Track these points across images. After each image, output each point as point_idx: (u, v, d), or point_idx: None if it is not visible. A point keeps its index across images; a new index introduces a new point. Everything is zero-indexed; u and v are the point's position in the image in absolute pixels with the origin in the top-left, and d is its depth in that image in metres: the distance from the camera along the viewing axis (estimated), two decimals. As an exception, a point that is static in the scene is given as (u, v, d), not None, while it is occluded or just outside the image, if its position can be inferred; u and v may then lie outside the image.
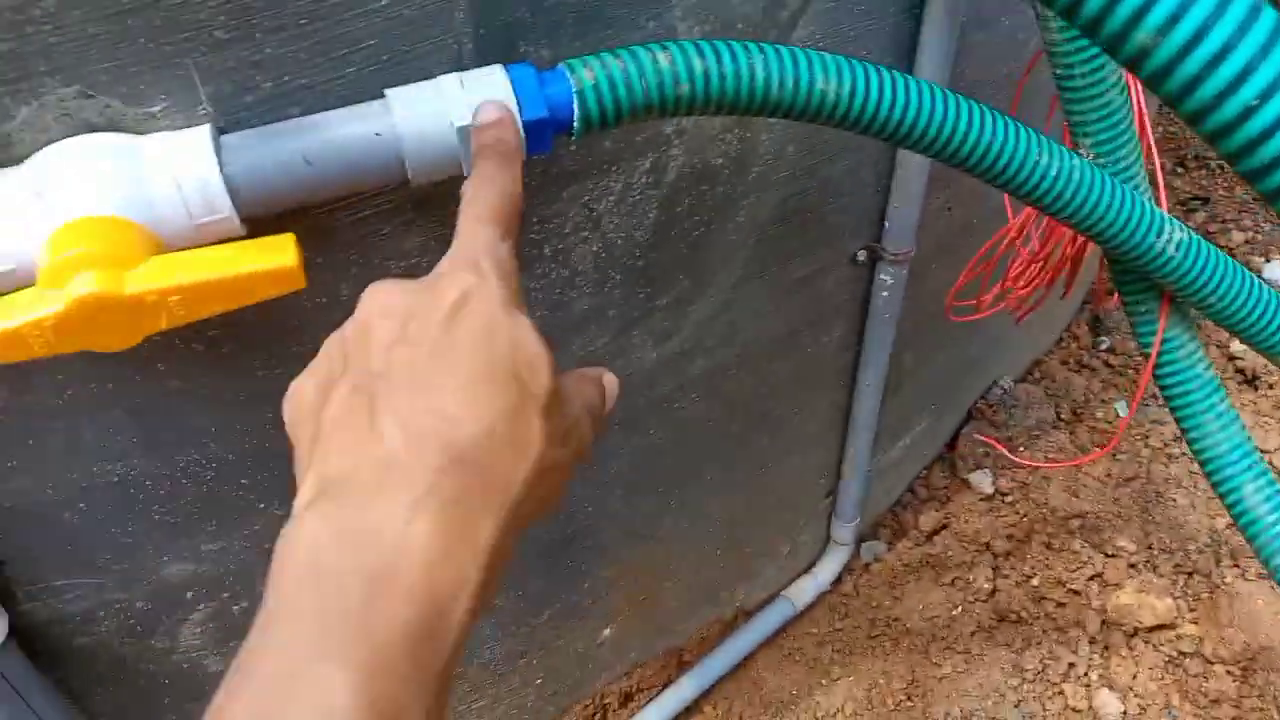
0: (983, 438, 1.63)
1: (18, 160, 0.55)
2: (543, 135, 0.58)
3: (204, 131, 0.54)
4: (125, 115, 0.55)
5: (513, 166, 0.54)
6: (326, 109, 0.59)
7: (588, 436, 0.48)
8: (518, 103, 0.57)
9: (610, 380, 0.53)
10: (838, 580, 1.55)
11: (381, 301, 0.46)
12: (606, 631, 1.25)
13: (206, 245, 0.55)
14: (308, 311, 0.69)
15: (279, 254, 0.52)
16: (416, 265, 0.70)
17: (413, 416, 0.40)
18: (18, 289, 0.53)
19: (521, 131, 0.56)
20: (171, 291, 0.50)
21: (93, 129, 0.56)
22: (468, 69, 0.61)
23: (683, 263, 0.86)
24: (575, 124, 0.59)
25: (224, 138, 0.55)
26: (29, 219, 0.52)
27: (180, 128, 0.56)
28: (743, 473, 1.19)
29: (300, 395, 0.45)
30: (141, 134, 0.56)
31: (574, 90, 0.58)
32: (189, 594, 0.85)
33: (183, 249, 0.54)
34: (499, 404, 0.41)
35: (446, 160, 0.57)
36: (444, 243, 0.69)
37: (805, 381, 1.14)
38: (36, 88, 0.53)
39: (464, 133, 0.56)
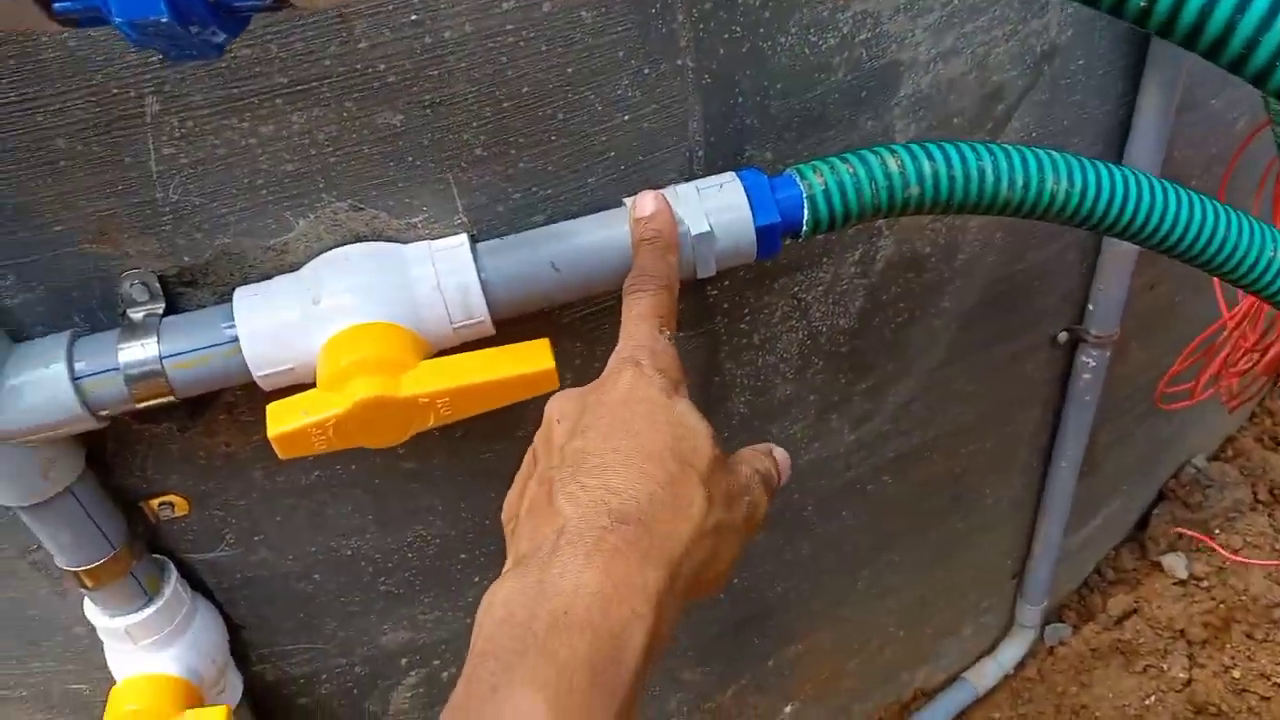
0: (1182, 530, 1.55)
1: (291, 267, 0.60)
2: (773, 238, 0.60)
3: (463, 240, 0.58)
4: (390, 225, 0.60)
5: (668, 258, 0.58)
6: (567, 217, 0.62)
7: (761, 502, 0.52)
8: (751, 209, 0.59)
9: (781, 453, 0.56)
10: (1021, 664, 1.49)
11: (558, 408, 0.51)
12: (787, 709, 1.24)
13: (458, 347, 0.59)
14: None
15: (537, 359, 0.56)
16: (635, 356, 0.73)
17: (583, 492, 0.45)
18: (291, 386, 0.58)
19: (673, 226, 0.59)
20: (441, 395, 0.54)
21: (359, 238, 0.60)
22: (697, 175, 0.64)
23: (885, 348, 0.86)
24: (804, 227, 0.61)
25: (479, 245, 0.59)
26: (307, 324, 0.56)
27: (438, 236, 0.61)
28: (931, 552, 1.18)
29: (508, 501, 0.52)
30: (404, 243, 0.60)
31: (804, 195, 0.60)
32: (403, 660, 0.89)
33: (440, 352, 0.58)
34: (659, 474, 0.46)
35: (683, 265, 0.59)
36: (663, 335, 0.72)
37: (999, 463, 1.12)
38: (314, 202, 0.58)
39: (701, 239, 0.58)
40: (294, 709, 0.89)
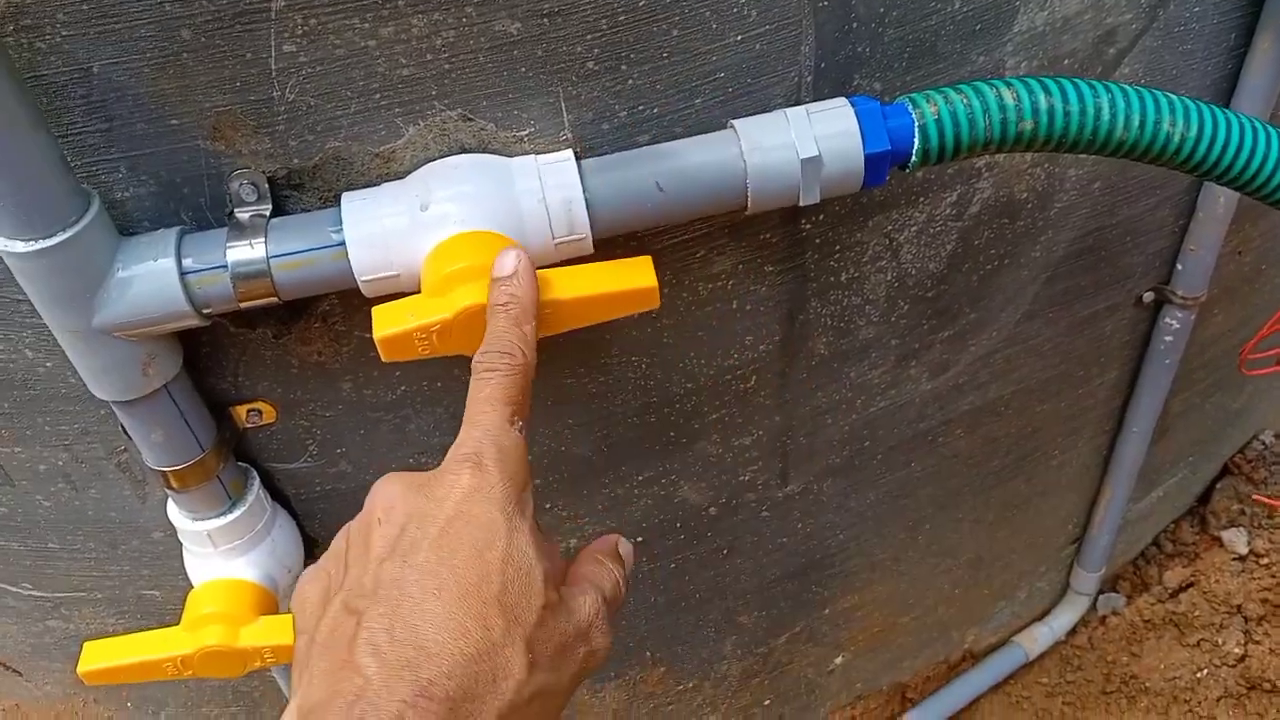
0: (1255, 497, 1.53)
1: (396, 175, 0.60)
2: (881, 168, 0.59)
3: (569, 156, 0.58)
4: (496, 137, 0.60)
5: (524, 328, 0.52)
6: (671, 138, 0.62)
7: (601, 647, 0.47)
8: (862, 134, 0.58)
9: (626, 547, 0.52)
10: (1073, 631, 1.49)
11: (386, 498, 0.47)
12: (838, 660, 1.25)
13: (558, 263, 0.59)
14: (614, 324, 0.72)
15: (640, 276, 0.56)
16: (723, 287, 0.73)
17: (390, 647, 0.40)
18: (395, 293, 0.58)
19: (533, 289, 0.53)
20: (545, 305, 0.54)
21: (464, 149, 0.60)
22: (804, 101, 0.63)
23: (971, 296, 0.85)
24: (913, 157, 0.60)
25: (584, 162, 0.59)
26: (413, 230, 0.56)
27: (542, 151, 0.60)
28: (994, 512, 1.17)
29: (304, 598, 0.47)
30: (508, 156, 0.60)
31: (915, 124, 0.59)
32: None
33: (539, 266, 0.58)
34: (478, 635, 0.41)
35: (787, 190, 0.59)
36: (749, 269, 0.72)
37: (1071, 424, 1.11)
38: (425, 109, 0.58)
39: (809, 164, 0.57)
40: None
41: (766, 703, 1.23)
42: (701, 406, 0.81)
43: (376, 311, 0.54)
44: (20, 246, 0.52)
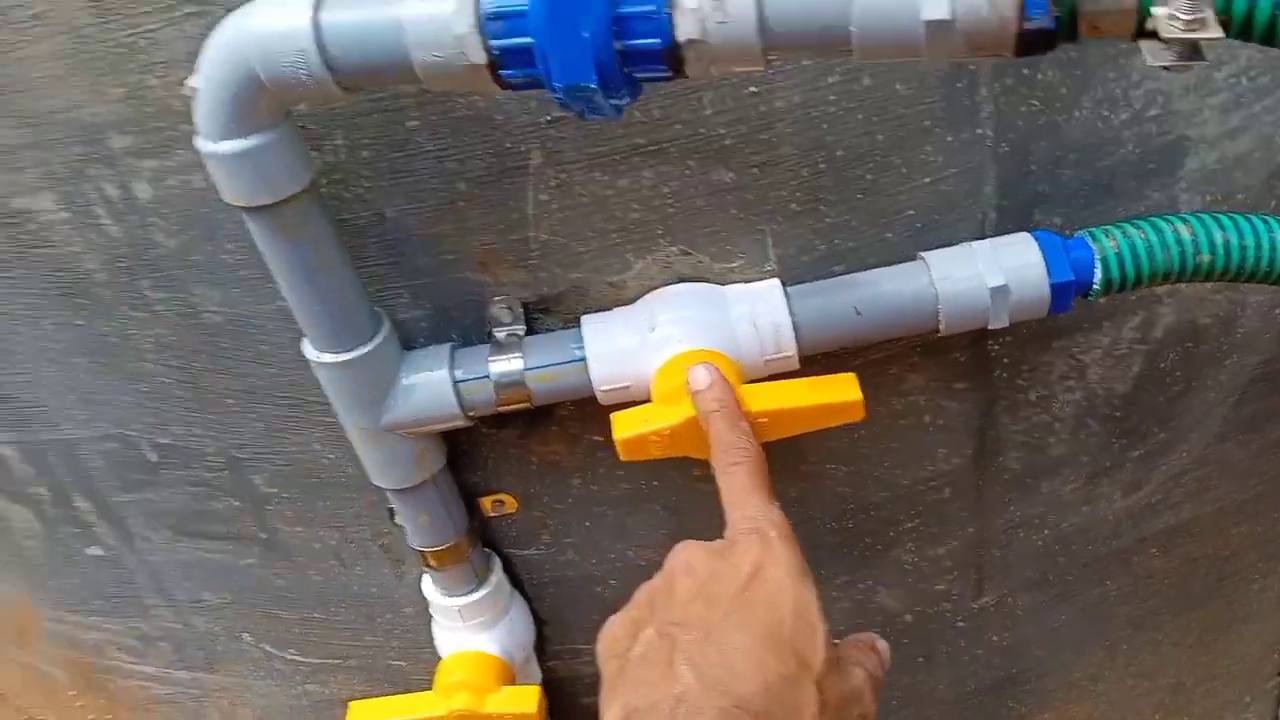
0: None
1: (625, 301, 0.70)
2: (1065, 296, 0.65)
3: (776, 284, 0.67)
4: (711, 269, 0.69)
5: (741, 424, 0.59)
6: (864, 269, 0.70)
7: (870, 710, 0.52)
8: (1045, 265, 0.65)
9: (883, 645, 0.57)
10: (1290, 770, 1.40)
11: (685, 560, 0.54)
12: (1035, 783, 1.23)
13: (765, 378, 0.67)
14: (813, 434, 0.79)
15: (846, 390, 0.63)
16: (915, 402, 0.79)
17: (705, 665, 0.47)
18: (627, 402, 0.67)
19: (732, 393, 0.61)
20: (761, 414, 0.62)
21: (683, 279, 0.70)
22: (988, 235, 0.70)
23: (1159, 417, 0.88)
24: (1095, 287, 0.66)
25: (789, 289, 0.67)
26: (643, 348, 0.66)
27: (750, 280, 0.69)
28: (1194, 636, 1.15)
29: (612, 633, 0.54)
30: (721, 284, 0.69)
31: (1096, 256, 0.65)
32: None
33: (748, 381, 0.66)
34: (777, 668, 0.47)
35: (977, 316, 0.65)
36: (940, 386, 0.78)
37: (1271, 547, 1.09)
38: (651, 246, 0.68)
39: (997, 292, 0.64)
40: (577, 706, 0.98)
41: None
42: (897, 515, 0.87)
43: (615, 417, 0.64)
44: (329, 358, 0.65)
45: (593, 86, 0.47)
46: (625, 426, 0.63)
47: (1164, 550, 1.01)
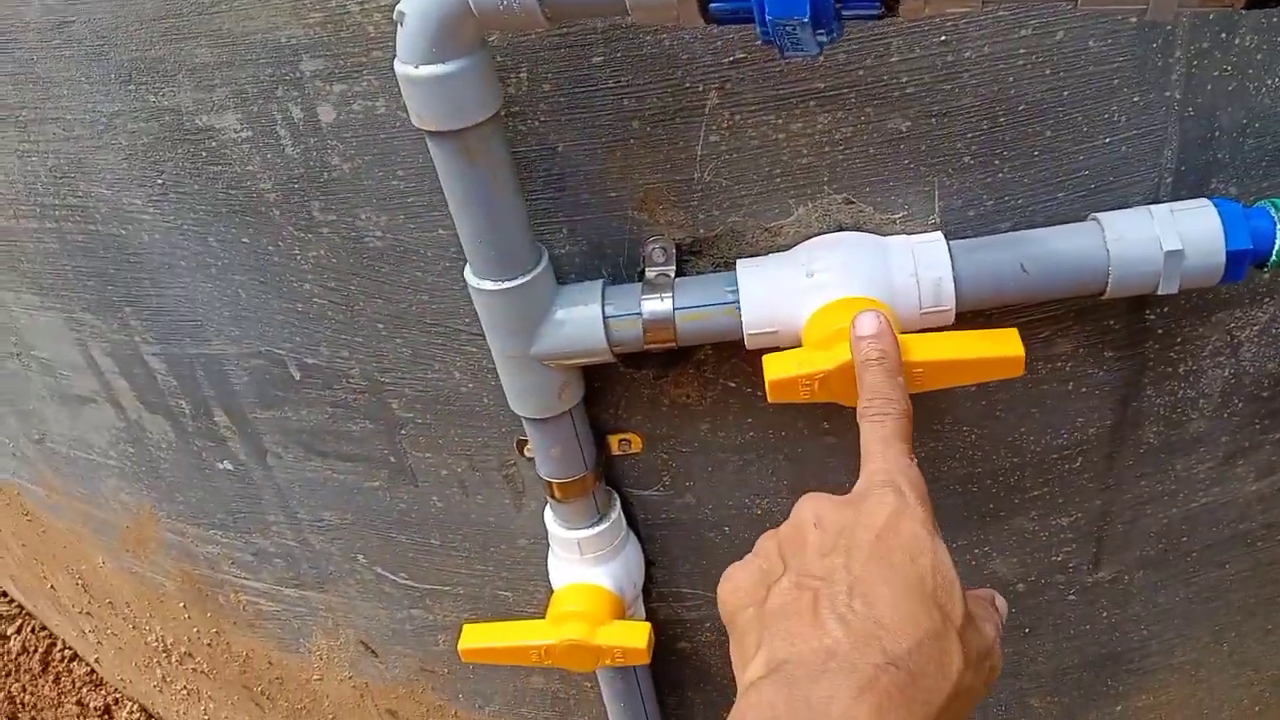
0: None
1: (778, 248, 0.70)
2: (1240, 265, 0.63)
3: (940, 238, 0.66)
4: (871, 219, 0.68)
5: (898, 379, 0.57)
6: (1029, 227, 0.68)
7: (998, 666, 0.51)
8: (1225, 232, 0.62)
9: (1002, 602, 0.56)
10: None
11: (814, 511, 0.52)
12: (1123, 762, 1.22)
13: (918, 331, 0.66)
14: (950, 394, 0.78)
15: (1009, 345, 0.62)
16: (1061, 369, 0.77)
17: (852, 617, 0.46)
18: (772, 347, 0.67)
19: (896, 346, 0.59)
20: (919, 364, 0.61)
21: (841, 228, 0.69)
22: (1162, 201, 0.68)
23: (1308, 401, 0.85)
24: (1273, 257, 0.63)
25: (953, 243, 0.66)
26: (799, 293, 0.65)
27: (911, 233, 0.68)
28: (1306, 630, 1.12)
29: (737, 583, 0.53)
30: (880, 235, 0.68)
31: (1278, 226, 0.63)
32: (780, 626, 0.97)
33: (903, 332, 0.65)
34: (925, 624, 0.46)
35: (1147, 279, 0.64)
36: (1090, 354, 0.76)
37: (1401, 545, 1.06)
38: (815, 193, 0.67)
39: (1171, 256, 0.62)
40: (674, 650, 0.99)
41: (1045, 796, 1.22)
42: (1024, 482, 0.85)
43: (768, 359, 0.63)
44: (489, 285, 0.65)
45: (804, 20, 0.46)
46: (778, 369, 0.62)
47: (1289, 538, 0.99)
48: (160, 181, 0.72)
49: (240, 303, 0.77)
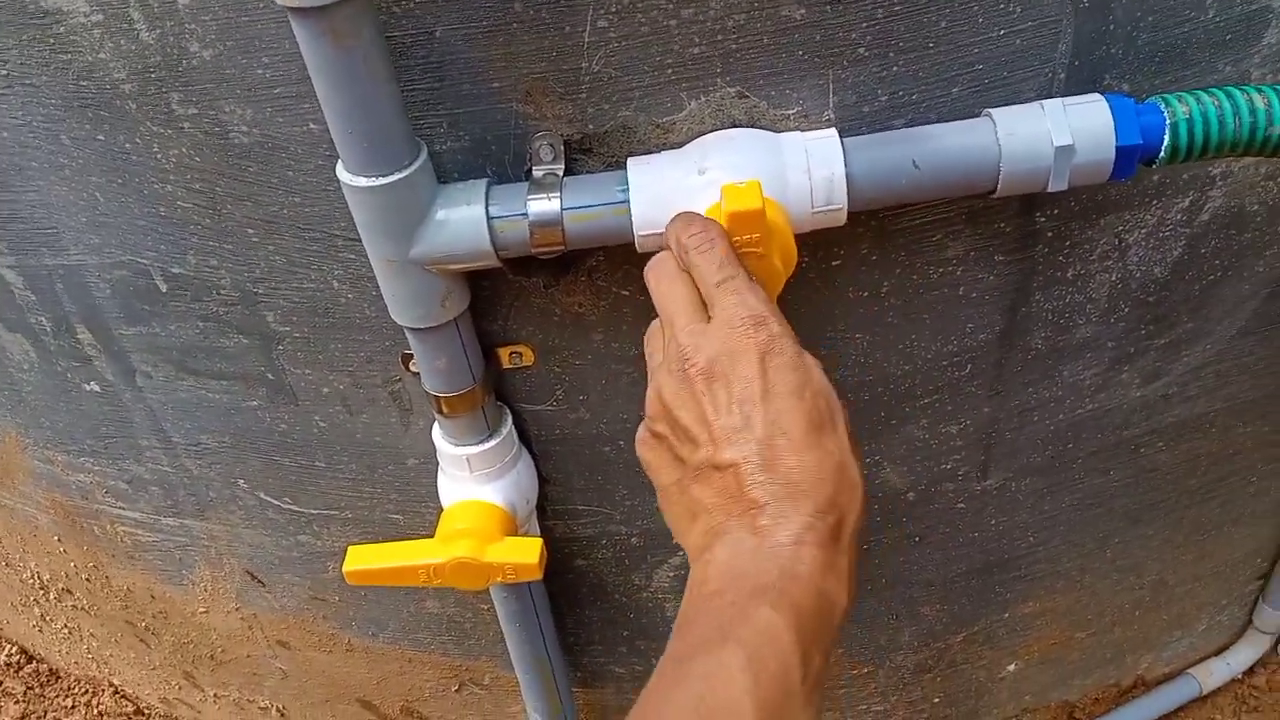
0: None
1: (673, 145, 0.67)
2: (1130, 161, 0.63)
3: (833, 134, 0.64)
4: (765, 114, 0.66)
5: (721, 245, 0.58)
6: (924, 124, 0.67)
7: (836, 400, 0.56)
8: (1115, 127, 0.62)
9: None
10: (1251, 670, 1.45)
11: (691, 344, 0.55)
12: (1010, 667, 1.26)
13: (812, 230, 0.65)
14: (842, 301, 0.77)
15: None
16: (952, 273, 0.77)
17: (774, 482, 0.50)
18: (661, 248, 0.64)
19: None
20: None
21: (735, 124, 0.67)
22: (1054, 96, 0.67)
23: (1191, 305, 0.87)
24: (1161, 154, 0.63)
25: (846, 140, 0.64)
26: (691, 191, 0.63)
27: (806, 129, 0.66)
28: (1185, 534, 1.16)
29: (649, 460, 0.58)
30: (774, 131, 0.66)
31: (1167, 122, 0.63)
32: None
33: (797, 233, 0.64)
34: (835, 452, 0.51)
35: (1037, 176, 0.63)
36: (980, 257, 0.76)
37: (1274, 450, 1.10)
38: (708, 86, 0.65)
39: (1062, 151, 0.62)
40: (571, 568, 0.98)
41: (936, 700, 1.25)
42: (915, 390, 0.85)
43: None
44: (363, 181, 0.61)
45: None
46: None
47: (1171, 444, 1.02)
48: (4, 73, 0.66)
49: (98, 207, 0.71)
